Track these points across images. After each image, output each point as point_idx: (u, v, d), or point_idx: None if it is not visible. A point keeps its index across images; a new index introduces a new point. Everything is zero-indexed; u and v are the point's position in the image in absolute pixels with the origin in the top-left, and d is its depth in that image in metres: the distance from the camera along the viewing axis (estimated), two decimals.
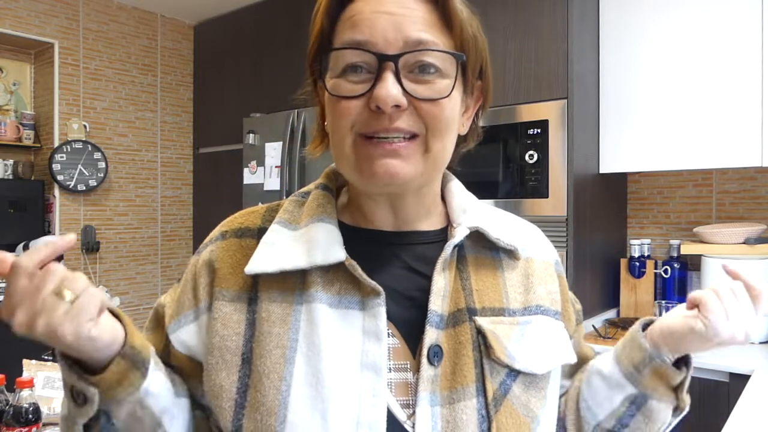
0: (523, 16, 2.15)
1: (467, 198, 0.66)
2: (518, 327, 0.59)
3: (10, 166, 3.06)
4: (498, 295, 0.60)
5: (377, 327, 0.55)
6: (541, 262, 0.66)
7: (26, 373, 1.29)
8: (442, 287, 0.58)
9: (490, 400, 0.55)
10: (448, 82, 0.56)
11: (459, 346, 0.56)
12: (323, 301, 0.56)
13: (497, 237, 0.61)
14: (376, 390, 0.53)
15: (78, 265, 3.20)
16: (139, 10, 3.47)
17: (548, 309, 0.63)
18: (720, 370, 1.72)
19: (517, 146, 2.14)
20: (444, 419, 0.54)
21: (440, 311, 0.57)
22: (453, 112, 0.57)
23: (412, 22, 0.54)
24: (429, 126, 0.55)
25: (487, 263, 0.62)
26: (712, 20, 1.98)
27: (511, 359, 0.57)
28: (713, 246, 2.02)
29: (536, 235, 0.69)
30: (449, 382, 0.55)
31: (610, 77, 2.20)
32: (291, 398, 0.53)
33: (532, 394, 0.58)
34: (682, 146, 2.04)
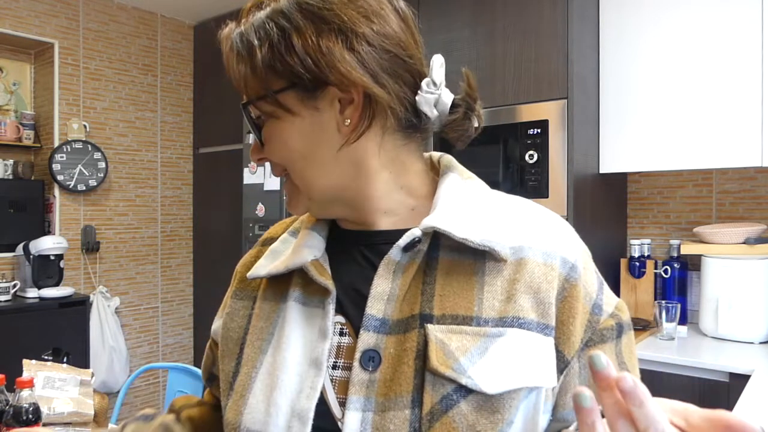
0: (523, 16, 2.15)
1: (449, 194, 0.60)
2: (484, 339, 0.53)
3: (10, 166, 3.06)
4: (468, 302, 0.55)
5: (325, 325, 0.58)
6: (539, 265, 0.56)
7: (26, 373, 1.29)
8: (386, 291, 0.56)
9: (425, 413, 0.51)
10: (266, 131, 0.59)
11: (402, 353, 0.54)
12: (298, 300, 0.61)
13: (464, 237, 0.55)
14: (314, 384, 0.56)
15: (78, 265, 3.21)
16: (139, 10, 3.47)
17: (530, 322, 0.54)
18: (720, 370, 1.72)
19: (517, 146, 2.15)
20: (374, 426, 0.52)
21: (380, 315, 0.56)
22: (287, 148, 0.58)
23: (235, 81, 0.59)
24: (284, 167, 0.60)
25: (464, 266, 0.56)
26: (712, 20, 1.98)
27: (457, 373, 0.51)
28: (713, 246, 2.02)
29: (549, 233, 0.59)
30: (386, 388, 0.53)
31: (610, 77, 2.20)
32: (255, 384, 0.59)
33: (483, 416, 0.51)
34: (682, 146, 2.04)
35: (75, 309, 2.93)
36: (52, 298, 2.86)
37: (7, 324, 2.66)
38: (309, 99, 0.56)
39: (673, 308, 2.01)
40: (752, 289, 1.93)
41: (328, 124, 0.57)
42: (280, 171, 0.61)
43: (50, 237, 2.92)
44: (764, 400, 1.38)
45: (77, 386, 1.34)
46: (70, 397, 1.31)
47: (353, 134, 0.57)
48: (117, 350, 3.18)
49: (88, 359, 2.98)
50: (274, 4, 0.57)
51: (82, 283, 3.23)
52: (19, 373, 1.23)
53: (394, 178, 0.60)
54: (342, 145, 0.57)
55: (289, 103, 0.56)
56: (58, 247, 2.90)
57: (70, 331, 2.89)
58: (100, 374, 3.08)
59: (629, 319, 0.60)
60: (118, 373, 3.17)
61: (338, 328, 0.58)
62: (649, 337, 2.04)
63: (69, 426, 1.28)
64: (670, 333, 2.00)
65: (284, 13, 0.55)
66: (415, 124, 0.60)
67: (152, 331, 3.55)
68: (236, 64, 0.57)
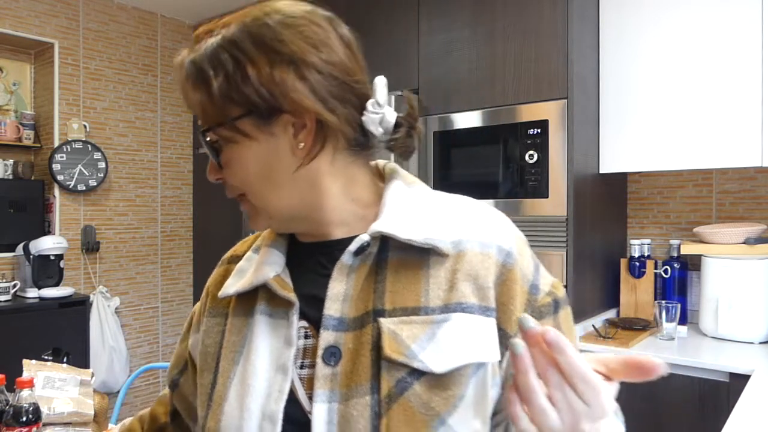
0: (523, 16, 2.15)
1: (394, 200, 0.65)
2: (431, 326, 0.59)
3: (10, 166, 3.06)
4: (416, 295, 0.61)
5: (289, 334, 0.63)
6: (476, 254, 0.62)
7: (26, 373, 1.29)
8: (341, 292, 0.62)
9: (383, 397, 0.57)
10: (224, 156, 0.62)
11: (360, 347, 0.59)
12: (264, 313, 0.66)
13: (408, 238, 0.61)
14: (282, 387, 0.61)
15: (78, 265, 3.21)
16: (139, 10, 3.47)
17: (473, 306, 0.60)
18: (720, 370, 1.72)
19: (517, 146, 2.15)
20: (339, 414, 0.58)
21: (338, 315, 0.61)
22: (245, 172, 0.62)
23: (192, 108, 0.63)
24: (238, 188, 0.64)
25: (413, 263, 0.62)
26: (712, 20, 1.98)
27: (409, 358, 0.57)
28: (713, 246, 2.02)
29: (485, 225, 0.65)
30: (347, 380, 0.59)
31: (610, 77, 2.20)
32: (230, 393, 0.64)
33: (436, 393, 0.57)
34: (682, 146, 2.04)
35: (75, 309, 2.93)
36: (52, 298, 2.86)
37: (7, 324, 2.66)
38: (264, 125, 0.60)
39: (673, 308, 2.01)
40: (752, 289, 1.93)
41: (283, 148, 0.61)
42: (235, 193, 0.65)
43: (50, 237, 2.92)
44: (764, 400, 1.38)
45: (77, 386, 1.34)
46: (70, 397, 1.31)
47: (307, 157, 0.61)
48: (117, 350, 3.18)
49: (88, 359, 2.98)
50: (225, 31, 0.60)
51: (82, 283, 3.23)
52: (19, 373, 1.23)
53: (345, 192, 0.65)
54: (297, 167, 0.61)
55: (246, 129, 0.60)
56: (58, 247, 2.90)
57: (70, 331, 2.89)
58: (100, 374, 3.08)
59: (565, 295, 0.67)
60: (118, 373, 3.17)
61: (302, 332, 0.64)
62: (649, 337, 2.04)
63: (69, 426, 1.28)
64: (670, 333, 2.00)
65: (237, 43, 0.59)
66: (363, 142, 0.65)
67: (152, 331, 3.55)
68: (192, 92, 0.61)
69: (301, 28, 0.60)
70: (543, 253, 2.08)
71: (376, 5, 2.62)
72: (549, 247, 2.07)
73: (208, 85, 0.59)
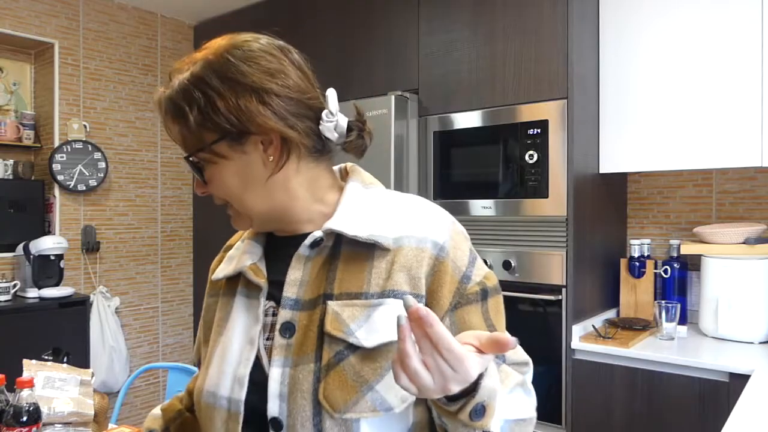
0: (523, 16, 2.15)
1: (349, 199, 0.77)
2: (368, 309, 0.71)
3: (10, 166, 3.06)
4: (359, 282, 0.73)
5: (257, 312, 0.77)
6: (412, 249, 0.73)
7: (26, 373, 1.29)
8: (297, 278, 0.75)
9: (323, 365, 0.70)
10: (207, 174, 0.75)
11: (310, 324, 0.72)
12: (242, 294, 0.80)
13: (354, 234, 0.73)
14: (249, 356, 0.75)
15: (78, 265, 3.21)
16: (139, 10, 3.47)
17: (403, 292, 0.71)
18: (720, 370, 1.72)
19: (517, 146, 2.15)
20: (289, 377, 0.71)
21: (294, 297, 0.74)
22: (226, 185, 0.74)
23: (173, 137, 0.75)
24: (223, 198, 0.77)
25: (360, 255, 0.74)
26: (712, 20, 1.98)
27: (346, 335, 0.70)
28: (713, 246, 2.02)
29: (423, 223, 0.76)
30: (298, 349, 0.72)
31: (610, 77, 2.20)
32: (213, 358, 0.79)
33: (366, 364, 0.69)
34: (682, 146, 2.04)
35: (75, 309, 2.93)
36: (52, 298, 2.86)
37: (7, 324, 2.66)
38: (237, 146, 0.72)
39: (673, 308, 2.01)
40: (752, 289, 1.93)
41: (255, 163, 0.73)
42: (221, 201, 0.78)
43: (50, 237, 2.91)
44: (764, 400, 1.38)
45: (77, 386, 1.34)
46: (70, 397, 1.31)
47: (276, 167, 0.74)
48: (117, 350, 3.18)
49: (88, 359, 2.98)
50: (193, 68, 0.71)
51: (82, 283, 3.23)
52: (19, 373, 1.23)
53: (311, 194, 0.77)
54: (268, 176, 0.74)
55: (222, 151, 0.72)
56: (58, 247, 2.90)
57: (70, 331, 2.89)
58: (100, 374, 3.08)
59: (496, 285, 0.78)
60: (118, 373, 3.17)
61: (271, 310, 0.77)
62: (649, 337, 2.04)
63: (69, 426, 1.28)
64: (670, 333, 2.00)
65: (204, 80, 0.70)
66: (321, 148, 0.77)
67: (152, 331, 3.55)
68: (172, 124, 0.73)
69: (258, 60, 0.71)
70: (543, 253, 2.08)
71: (376, 5, 2.62)
72: (549, 247, 2.07)
73: (185, 118, 0.71)
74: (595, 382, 1.96)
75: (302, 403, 0.69)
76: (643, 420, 1.84)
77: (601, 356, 1.95)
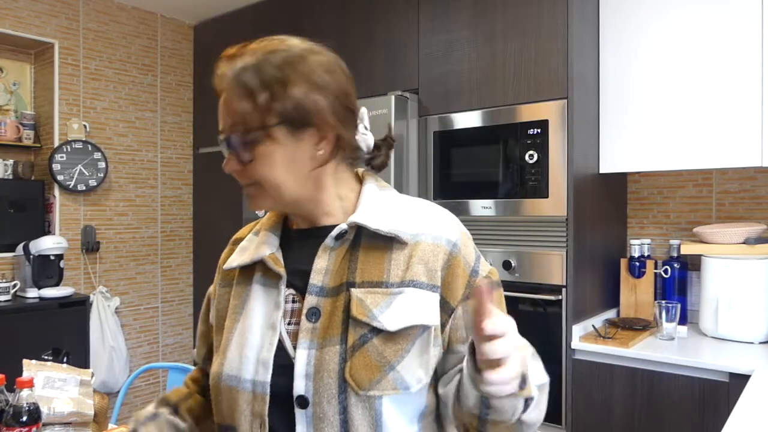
0: (523, 16, 2.15)
1: (369, 197, 0.84)
2: (389, 296, 0.78)
3: (10, 166, 3.06)
4: (380, 272, 0.79)
5: (278, 299, 0.82)
6: (429, 245, 0.81)
7: (26, 373, 1.29)
8: (323, 267, 0.81)
9: (349, 346, 0.76)
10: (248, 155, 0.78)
11: (335, 309, 0.79)
12: (259, 283, 0.85)
13: (377, 228, 0.79)
14: (272, 341, 0.80)
15: (78, 265, 3.21)
16: (139, 10, 3.47)
17: (423, 283, 0.79)
18: (720, 370, 1.72)
19: (517, 146, 2.15)
20: (315, 358, 0.77)
21: (320, 284, 0.80)
22: (270, 167, 0.78)
23: (223, 117, 0.80)
24: (256, 179, 0.79)
25: (380, 247, 0.81)
26: (712, 20, 1.98)
27: (371, 319, 0.76)
28: (713, 246, 2.02)
29: (437, 222, 0.84)
30: (324, 333, 0.78)
31: (610, 77, 2.20)
32: (231, 344, 0.83)
33: (388, 346, 0.76)
34: (682, 146, 2.04)
35: (75, 309, 2.93)
36: (52, 298, 2.86)
37: (7, 324, 2.66)
38: (294, 133, 0.77)
39: (673, 308, 2.01)
40: (752, 289, 1.93)
41: (304, 153, 0.79)
42: (250, 181, 0.80)
43: (50, 237, 2.91)
44: (764, 400, 1.38)
45: (77, 386, 1.34)
46: (70, 397, 1.31)
47: (322, 162, 0.80)
48: (117, 350, 3.18)
49: (88, 359, 2.97)
50: (269, 56, 0.77)
51: (82, 283, 3.23)
52: (19, 373, 1.23)
53: (336, 191, 0.85)
54: (312, 168, 0.80)
55: (279, 135, 0.77)
56: (58, 247, 2.90)
57: (70, 331, 2.89)
58: (100, 374, 3.08)
59: (498, 280, 0.86)
60: (118, 373, 3.17)
61: (291, 297, 0.83)
62: (649, 337, 2.04)
63: (69, 426, 1.28)
64: (670, 333, 2.00)
65: (283, 67, 0.76)
66: (356, 157, 0.87)
67: (152, 331, 3.55)
68: (237, 101, 0.77)
69: (333, 67, 0.80)
70: (543, 253, 2.08)
71: (376, 5, 2.62)
72: (549, 247, 2.07)
73: (253, 97, 0.75)
74: (595, 382, 1.96)
75: (328, 382, 0.75)
76: (643, 420, 1.84)
77: (601, 356, 1.95)
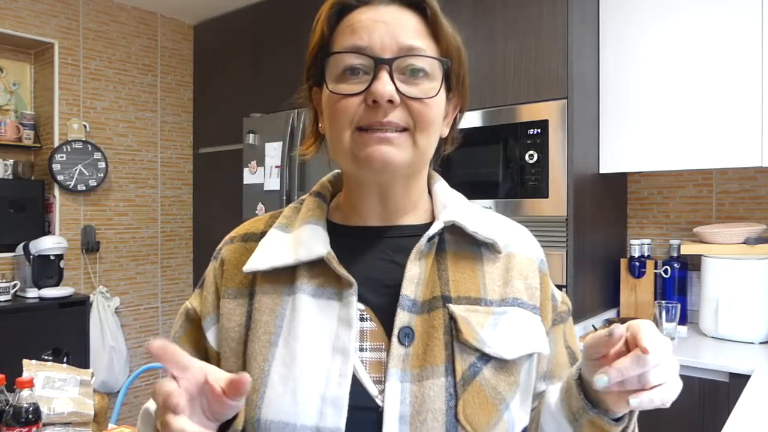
0: (523, 16, 2.15)
1: (451, 196, 0.71)
2: (493, 316, 0.63)
3: (10, 166, 3.06)
4: (475, 286, 0.65)
5: (348, 315, 0.62)
6: (523, 258, 0.69)
7: (26, 373, 1.29)
8: (416, 275, 0.63)
9: (458, 379, 0.59)
10: (435, 84, 0.63)
11: (431, 330, 0.61)
12: (306, 292, 0.63)
13: (474, 230, 0.66)
14: (343, 370, 0.59)
15: (78, 265, 3.21)
16: (139, 10, 3.47)
17: (525, 302, 0.66)
18: (720, 370, 1.72)
19: (517, 146, 2.14)
20: (413, 394, 0.59)
21: (413, 297, 0.63)
22: (438, 112, 0.65)
23: (404, 30, 0.63)
24: (417, 122, 0.62)
25: (468, 256, 0.66)
26: (712, 20, 1.98)
27: (481, 343, 0.61)
28: (713, 246, 2.02)
29: (522, 233, 0.73)
30: (420, 361, 0.60)
31: (610, 77, 2.20)
32: (270, 377, 0.60)
33: (501, 378, 0.61)
34: (682, 146, 2.04)
35: (75, 309, 2.93)
36: (52, 298, 2.86)
37: (7, 324, 2.66)
38: (451, 87, 0.68)
39: (673, 308, 2.01)
40: (752, 289, 1.93)
41: (443, 111, 0.67)
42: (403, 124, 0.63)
43: (50, 237, 2.92)
44: (764, 400, 1.38)
45: (77, 386, 1.34)
46: (70, 397, 1.31)
47: (446, 126, 0.70)
48: (117, 350, 3.18)
49: (88, 359, 2.98)
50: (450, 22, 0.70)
51: (82, 283, 3.23)
52: (19, 373, 1.23)
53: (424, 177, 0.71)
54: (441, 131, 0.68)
55: (447, 80, 0.67)
56: (58, 247, 2.90)
57: (70, 331, 2.89)
58: (100, 374, 3.08)
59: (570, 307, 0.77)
60: (118, 373, 3.17)
61: (358, 314, 0.63)
62: None
63: (69, 426, 1.28)
64: (670, 333, 2.00)
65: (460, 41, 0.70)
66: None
67: (152, 331, 3.55)
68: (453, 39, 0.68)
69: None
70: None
71: None
72: (549, 247, 2.07)
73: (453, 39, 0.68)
74: None
75: (433, 425, 0.58)
76: (642, 420, 1.84)
77: None
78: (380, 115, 0.61)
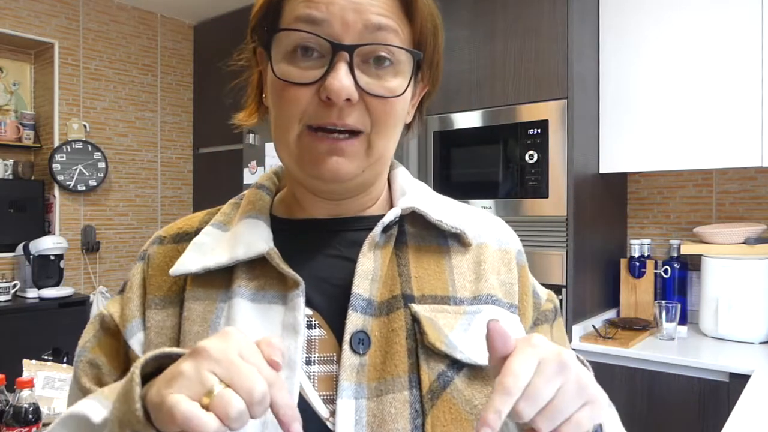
0: (523, 16, 2.15)
1: (411, 183, 0.63)
2: (465, 316, 0.55)
3: (10, 166, 3.06)
4: (442, 283, 0.56)
5: (295, 320, 0.52)
6: (497, 249, 0.61)
7: (26, 373, 1.29)
8: (370, 270, 0.54)
9: (425, 392, 0.50)
10: (402, 80, 0.54)
11: (391, 334, 0.52)
12: (245, 297, 0.54)
13: (438, 219, 0.58)
14: (290, 387, 0.49)
15: (78, 265, 3.21)
16: (139, 10, 3.47)
17: (501, 300, 0.58)
18: (720, 370, 1.72)
19: (517, 146, 2.14)
20: (370, 413, 0.49)
21: (367, 296, 0.53)
22: (403, 108, 0.56)
23: (372, 3, 0.51)
24: (375, 123, 0.53)
25: (432, 249, 0.58)
26: (712, 20, 1.98)
27: (451, 348, 0.52)
28: (713, 246, 2.02)
29: (495, 223, 0.65)
30: (378, 372, 0.51)
31: (610, 77, 2.20)
32: None
33: (476, 389, 0.52)
34: (682, 146, 2.04)
35: (75, 309, 2.93)
36: (52, 298, 2.86)
37: (7, 324, 2.66)
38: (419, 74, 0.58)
39: (673, 308, 2.01)
40: (752, 289, 1.93)
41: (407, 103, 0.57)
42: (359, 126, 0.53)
43: (50, 237, 2.92)
44: (764, 400, 1.38)
45: None
46: None
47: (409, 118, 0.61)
48: None
49: None
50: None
51: (82, 283, 3.23)
52: (19, 373, 1.23)
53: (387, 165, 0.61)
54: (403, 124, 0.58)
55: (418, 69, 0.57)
56: (58, 247, 2.90)
57: (70, 331, 2.88)
58: None
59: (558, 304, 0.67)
60: None
61: (306, 321, 0.54)
62: (649, 337, 2.04)
63: None
64: (670, 333, 2.00)
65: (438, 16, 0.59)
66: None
67: None
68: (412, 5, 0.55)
69: None
70: (543, 253, 2.08)
71: None
72: (549, 247, 2.07)
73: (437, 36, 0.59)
74: None
75: None
76: (643, 420, 1.84)
77: (601, 356, 1.95)
78: (334, 116, 0.52)
